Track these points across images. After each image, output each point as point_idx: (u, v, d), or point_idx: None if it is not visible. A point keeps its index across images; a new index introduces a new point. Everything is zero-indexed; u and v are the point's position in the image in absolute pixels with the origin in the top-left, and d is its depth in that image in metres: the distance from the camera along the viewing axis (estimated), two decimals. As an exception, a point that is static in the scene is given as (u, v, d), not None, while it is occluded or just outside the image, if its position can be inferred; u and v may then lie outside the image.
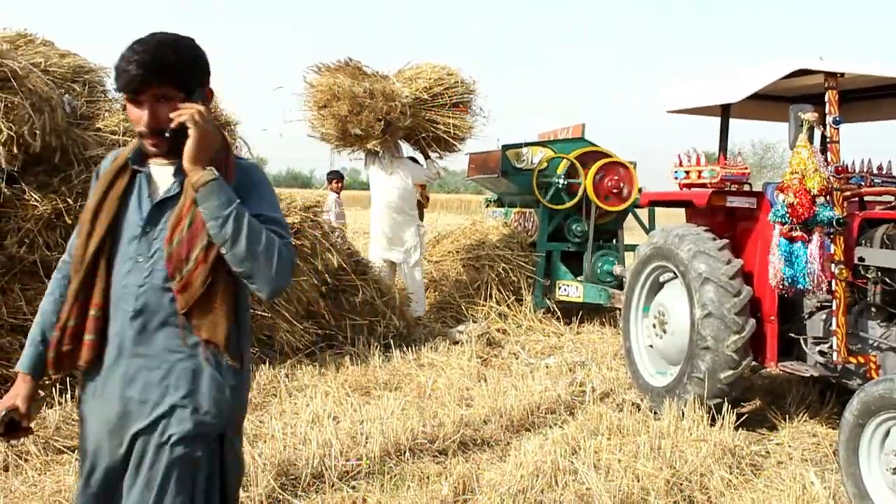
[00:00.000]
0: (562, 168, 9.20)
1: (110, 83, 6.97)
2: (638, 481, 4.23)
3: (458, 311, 9.03)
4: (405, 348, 7.26)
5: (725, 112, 5.93)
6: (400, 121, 8.13)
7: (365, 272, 7.82)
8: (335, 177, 10.95)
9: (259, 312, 6.74)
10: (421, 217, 10.39)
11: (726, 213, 5.68)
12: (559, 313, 9.09)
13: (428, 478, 4.33)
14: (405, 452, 4.64)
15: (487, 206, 10.97)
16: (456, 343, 7.67)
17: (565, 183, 9.17)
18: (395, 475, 4.34)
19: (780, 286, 4.77)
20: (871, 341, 4.85)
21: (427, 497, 4.04)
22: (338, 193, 10.70)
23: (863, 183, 5.62)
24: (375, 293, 7.67)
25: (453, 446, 4.80)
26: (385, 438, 4.78)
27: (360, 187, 41.89)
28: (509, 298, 9.11)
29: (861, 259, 4.85)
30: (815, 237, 4.69)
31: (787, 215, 4.70)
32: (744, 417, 5.36)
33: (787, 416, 5.59)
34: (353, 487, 4.17)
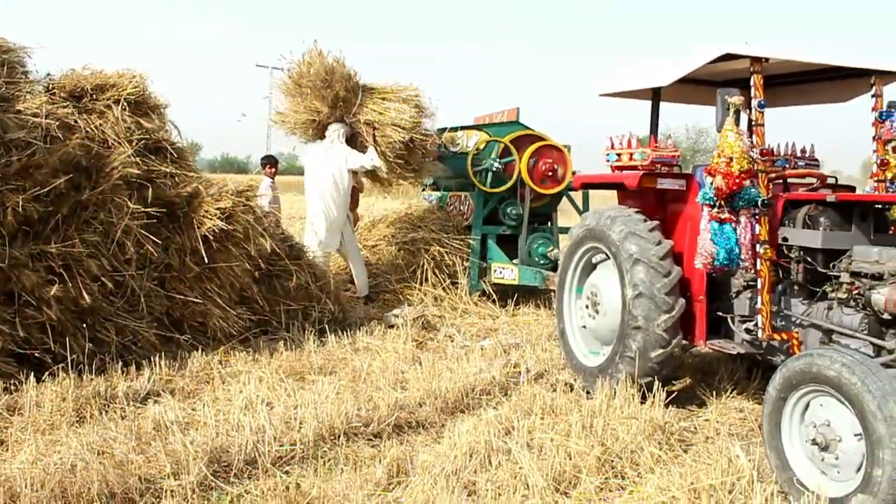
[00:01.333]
0: (496, 151, 9.23)
1: (32, 63, 6.73)
2: (570, 459, 4.28)
3: (393, 295, 9.03)
4: (340, 333, 7.22)
5: (656, 96, 6.01)
6: (342, 84, 8.43)
7: (299, 257, 7.74)
8: (269, 161, 10.78)
9: (191, 299, 6.62)
10: (356, 203, 10.32)
11: (657, 195, 5.76)
12: (494, 296, 9.15)
13: (362, 461, 4.32)
14: (339, 437, 4.62)
15: (423, 189, 10.95)
16: (391, 327, 7.65)
17: (500, 166, 9.21)
18: (328, 459, 4.32)
19: (710, 267, 4.87)
20: (793, 318, 4.99)
21: (361, 480, 4.03)
22: (272, 178, 10.55)
23: (787, 165, 5.78)
24: (310, 278, 7.60)
25: (388, 429, 4.79)
26: (319, 423, 4.74)
27: (297, 172, 41.36)
28: (445, 282, 9.14)
29: (785, 239, 4.99)
30: (743, 219, 4.80)
31: (714, 197, 4.80)
32: (674, 395, 5.47)
33: (715, 393, 5.73)
34: (287, 473, 4.13)
